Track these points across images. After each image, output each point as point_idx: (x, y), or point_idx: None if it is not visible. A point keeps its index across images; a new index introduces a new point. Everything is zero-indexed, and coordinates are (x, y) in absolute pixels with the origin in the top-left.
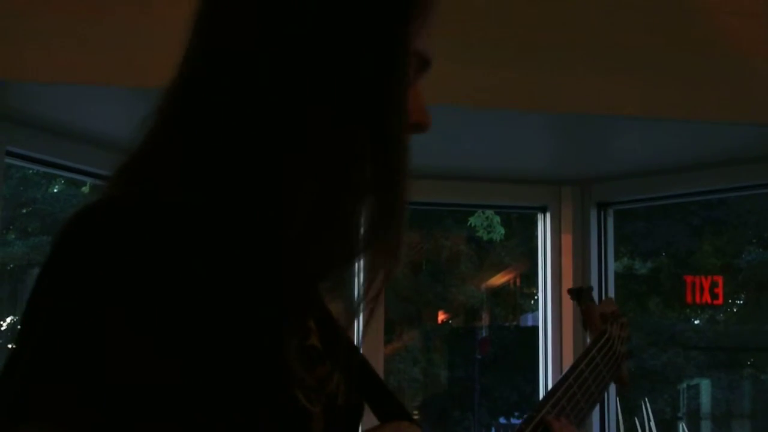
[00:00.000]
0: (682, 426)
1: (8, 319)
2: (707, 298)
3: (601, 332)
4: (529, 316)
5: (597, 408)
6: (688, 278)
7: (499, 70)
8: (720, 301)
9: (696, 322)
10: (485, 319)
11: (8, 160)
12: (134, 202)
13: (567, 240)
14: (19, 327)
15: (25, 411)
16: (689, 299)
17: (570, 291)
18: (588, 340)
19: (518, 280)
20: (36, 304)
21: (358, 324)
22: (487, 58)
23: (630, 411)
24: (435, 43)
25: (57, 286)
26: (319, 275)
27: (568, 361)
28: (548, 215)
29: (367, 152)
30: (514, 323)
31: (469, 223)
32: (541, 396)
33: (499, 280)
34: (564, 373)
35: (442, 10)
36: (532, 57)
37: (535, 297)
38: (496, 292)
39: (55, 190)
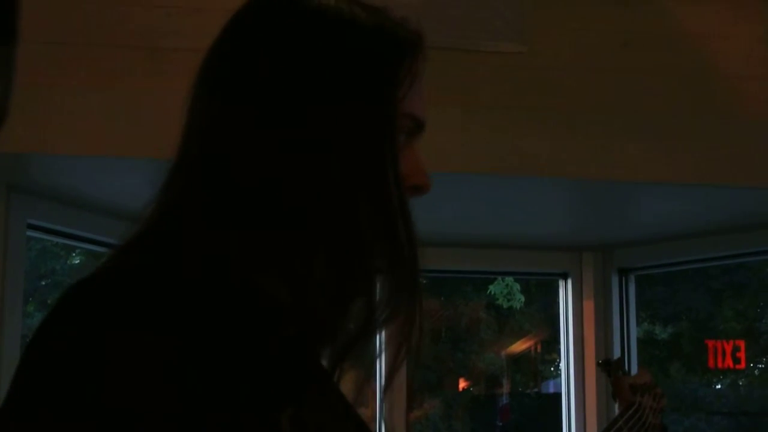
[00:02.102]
0: None
1: None
2: (729, 362)
3: (629, 403)
4: (551, 383)
5: None
6: (710, 343)
7: (518, 137)
8: (742, 365)
9: (718, 386)
10: (506, 386)
11: (30, 233)
12: (132, 272)
13: (589, 306)
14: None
15: None
16: (711, 364)
17: (599, 363)
18: (617, 411)
19: (539, 347)
20: (25, 358)
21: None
22: (506, 124)
23: None
24: (454, 111)
25: (43, 348)
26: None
27: (591, 427)
28: (569, 281)
29: (370, 224)
30: (535, 390)
31: (488, 291)
32: None
33: (519, 347)
34: None
35: (463, 78)
36: (553, 124)
37: (556, 364)
38: (517, 359)
39: (75, 262)
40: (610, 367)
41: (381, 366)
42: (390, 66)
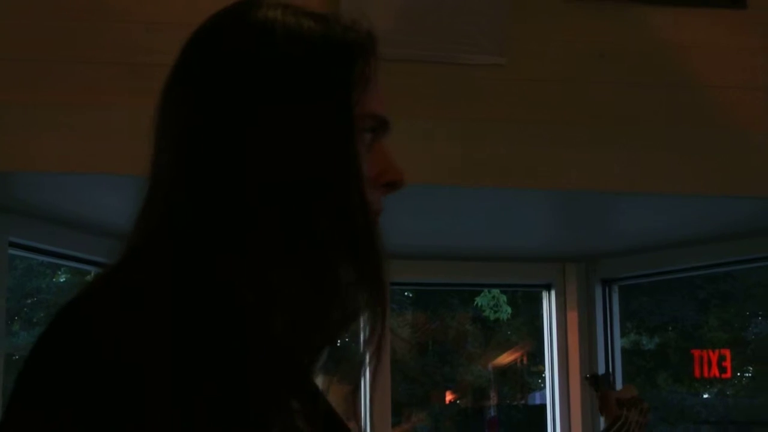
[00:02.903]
0: None
1: None
2: (715, 371)
3: (615, 417)
4: (537, 394)
5: None
6: (696, 352)
7: (500, 148)
8: (728, 374)
9: (705, 396)
10: (493, 398)
11: (12, 251)
12: (110, 305)
13: (572, 317)
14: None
15: None
16: (697, 373)
17: (586, 378)
18: (602, 425)
19: (525, 359)
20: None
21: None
22: (488, 136)
23: None
24: (437, 123)
25: (25, 384)
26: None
27: None
28: (553, 293)
29: (331, 233)
30: (522, 402)
31: (475, 303)
32: None
33: (506, 359)
34: None
35: (445, 91)
36: (535, 134)
37: (543, 375)
38: (504, 372)
39: (61, 280)
40: (596, 382)
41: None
42: (340, 70)
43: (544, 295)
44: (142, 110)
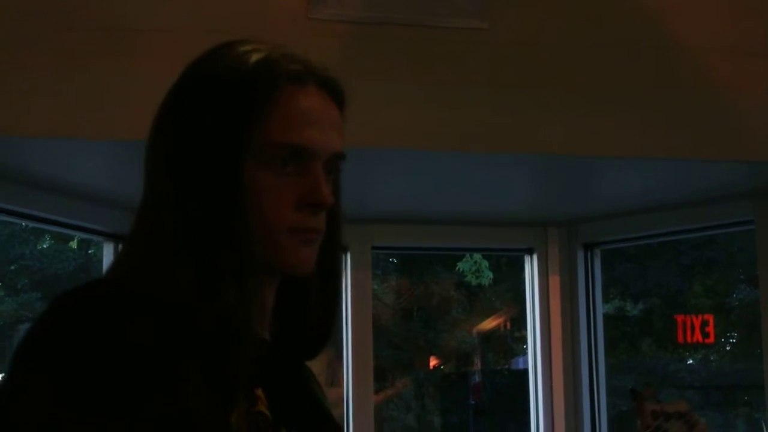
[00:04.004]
0: None
1: None
2: (698, 336)
3: (646, 427)
4: (520, 359)
5: None
6: (679, 317)
7: (481, 113)
8: (711, 339)
9: (689, 362)
10: (477, 363)
11: None
12: (101, 292)
13: (554, 281)
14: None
15: None
16: (680, 338)
17: (630, 389)
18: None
19: (509, 324)
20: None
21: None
22: (468, 100)
23: None
24: (417, 87)
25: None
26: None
27: (558, 403)
28: (535, 257)
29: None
30: (506, 367)
31: (457, 268)
32: None
33: (489, 324)
34: None
35: (426, 54)
36: (516, 99)
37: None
38: (487, 337)
39: (44, 246)
40: (633, 394)
41: (349, 348)
42: (231, 107)
43: (526, 259)
44: (124, 75)
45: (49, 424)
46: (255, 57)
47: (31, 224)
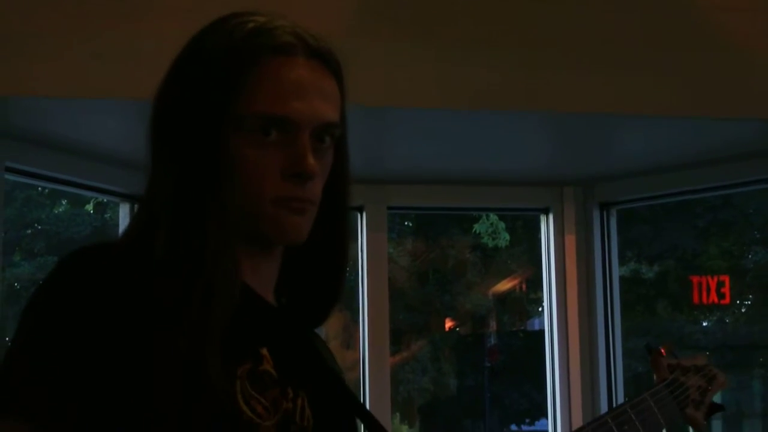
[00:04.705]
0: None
1: None
2: (714, 297)
3: (662, 380)
4: (536, 321)
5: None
6: (694, 279)
7: (497, 71)
8: (727, 300)
9: (704, 323)
10: (493, 325)
11: (8, 176)
12: (103, 253)
13: (570, 240)
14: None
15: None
16: (696, 299)
17: (644, 345)
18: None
19: (524, 286)
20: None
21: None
22: (484, 58)
23: None
24: (433, 47)
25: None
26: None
27: (574, 365)
28: (551, 216)
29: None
30: (522, 328)
31: (474, 230)
32: (550, 404)
33: (505, 285)
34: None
35: (442, 12)
36: (531, 57)
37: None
38: (503, 298)
39: (60, 210)
40: (649, 350)
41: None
42: (217, 77)
43: (542, 219)
44: (137, 35)
45: (46, 376)
46: (243, 29)
47: (47, 185)
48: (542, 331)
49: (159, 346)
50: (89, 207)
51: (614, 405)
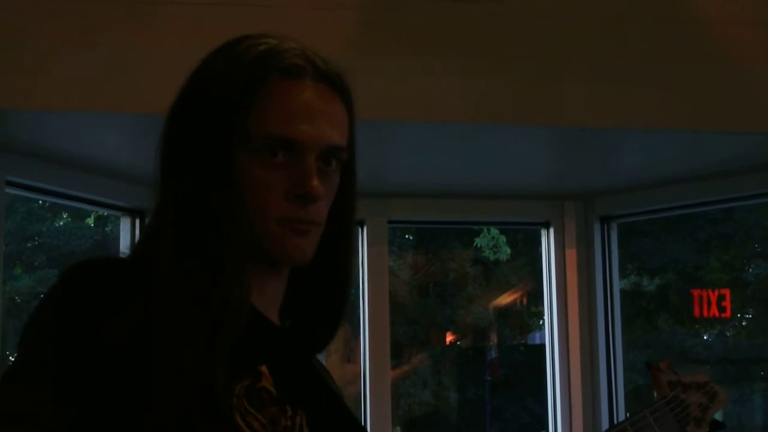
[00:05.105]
0: None
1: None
2: (715, 311)
3: (663, 396)
4: (537, 334)
5: (607, 424)
6: (695, 292)
7: (498, 85)
8: (728, 314)
9: (705, 337)
10: (493, 339)
11: (9, 190)
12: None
13: (571, 254)
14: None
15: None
16: (697, 313)
17: (645, 362)
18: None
19: (525, 299)
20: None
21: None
22: (485, 72)
23: None
24: (434, 60)
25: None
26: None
27: (575, 378)
28: (551, 230)
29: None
30: (523, 342)
31: (475, 244)
32: (551, 417)
33: (506, 299)
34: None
35: (443, 27)
36: (532, 71)
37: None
38: (504, 312)
39: (61, 224)
40: (650, 367)
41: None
42: (225, 97)
43: (543, 233)
44: (140, 48)
45: (49, 385)
46: (254, 51)
47: (48, 199)
48: (543, 345)
49: (164, 360)
50: (90, 221)
51: (615, 418)
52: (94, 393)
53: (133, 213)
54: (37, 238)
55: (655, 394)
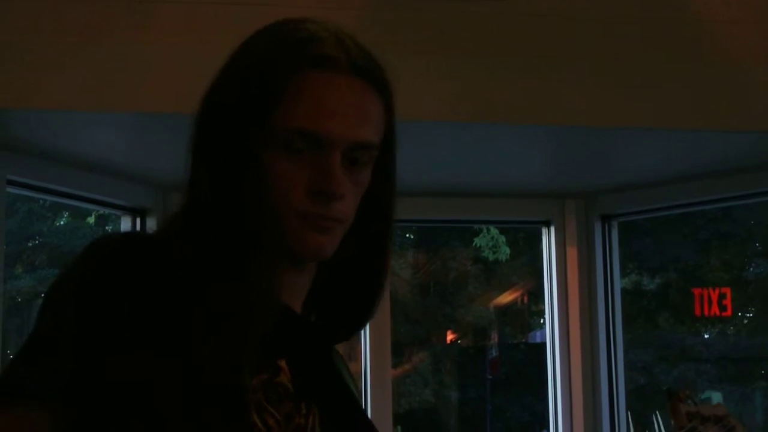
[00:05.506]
0: None
1: None
2: (715, 310)
3: (680, 427)
4: (538, 333)
5: (608, 423)
6: (696, 291)
7: (499, 84)
8: (728, 312)
9: (706, 336)
10: (494, 337)
11: (10, 189)
12: (136, 242)
13: (572, 253)
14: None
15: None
16: (697, 311)
17: (665, 389)
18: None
19: (525, 298)
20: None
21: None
22: (486, 72)
23: (642, 426)
24: (435, 59)
25: (54, 289)
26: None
27: (576, 377)
28: (552, 229)
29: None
30: (523, 341)
31: (474, 244)
32: (551, 416)
33: (506, 298)
34: None
35: (445, 26)
36: (533, 70)
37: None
38: (504, 311)
39: (61, 224)
40: (669, 395)
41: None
42: (253, 88)
43: (544, 231)
44: (141, 47)
45: (63, 363)
46: (290, 39)
47: (49, 198)
48: (544, 344)
49: (190, 347)
50: (91, 220)
51: (616, 417)
52: (112, 374)
53: (133, 212)
54: (38, 238)
55: (672, 423)
